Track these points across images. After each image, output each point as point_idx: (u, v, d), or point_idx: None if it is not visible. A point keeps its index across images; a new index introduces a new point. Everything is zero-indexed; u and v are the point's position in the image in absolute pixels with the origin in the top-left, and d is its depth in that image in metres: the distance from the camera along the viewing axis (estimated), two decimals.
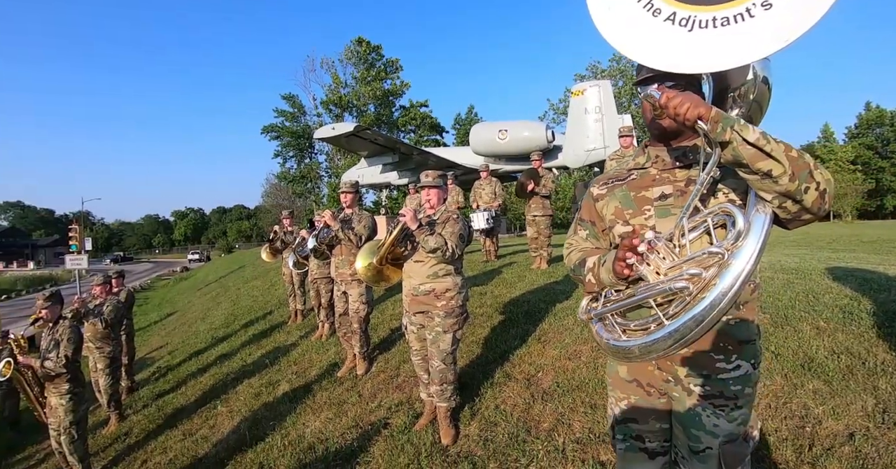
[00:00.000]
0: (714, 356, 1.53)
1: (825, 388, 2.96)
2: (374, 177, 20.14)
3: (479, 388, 4.04)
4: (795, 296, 4.47)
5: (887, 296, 4.36)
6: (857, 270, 5.80)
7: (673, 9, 1.50)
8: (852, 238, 14.02)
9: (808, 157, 1.29)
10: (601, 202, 1.75)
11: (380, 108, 40.69)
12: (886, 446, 2.45)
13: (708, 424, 1.54)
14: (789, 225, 1.41)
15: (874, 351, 3.27)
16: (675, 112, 1.35)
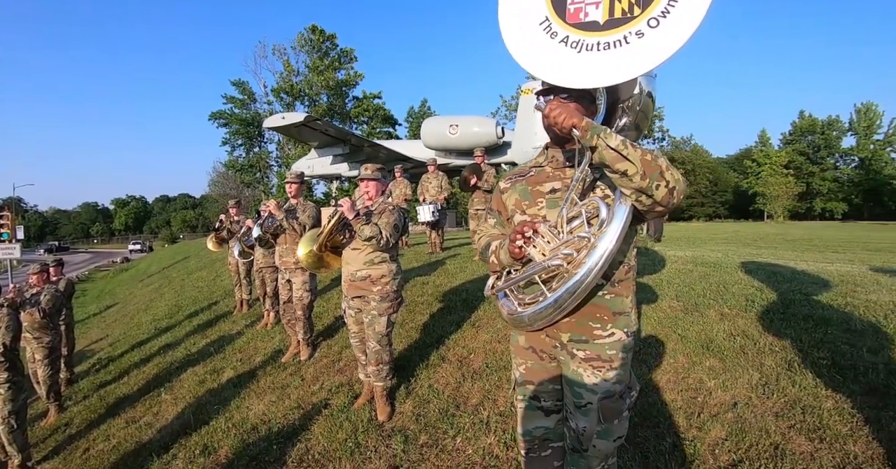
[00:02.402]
0: (592, 325, 1.81)
1: (719, 365, 3.34)
2: (324, 168, 20.02)
3: (416, 370, 4.27)
4: (708, 286, 4.90)
5: (789, 286, 4.84)
6: (769, 265, 6.35)
7: (567, 33, 1.77)
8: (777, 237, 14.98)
9: (662, 161, 1.56)
10: (505, 194, 2.01)
11: (333, 99, 40.14)
12: (763, 413, 2.82)
13: (588, 383, 1.81)
14: (647, 215, 1.68)
15: (766, 333, 3.68)
16: (553, 121, 1.62)
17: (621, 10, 1.67)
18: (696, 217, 50.91)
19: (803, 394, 2.92)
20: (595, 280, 1.59)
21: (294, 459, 3.45)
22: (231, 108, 41.40)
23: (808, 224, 37.14)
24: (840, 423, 2.64)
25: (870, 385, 2.91)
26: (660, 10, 1.60)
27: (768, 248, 9.97)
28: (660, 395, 3.13)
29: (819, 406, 2.79)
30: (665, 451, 2.61)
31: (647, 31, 1.61)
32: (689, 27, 1.54)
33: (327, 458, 3.40)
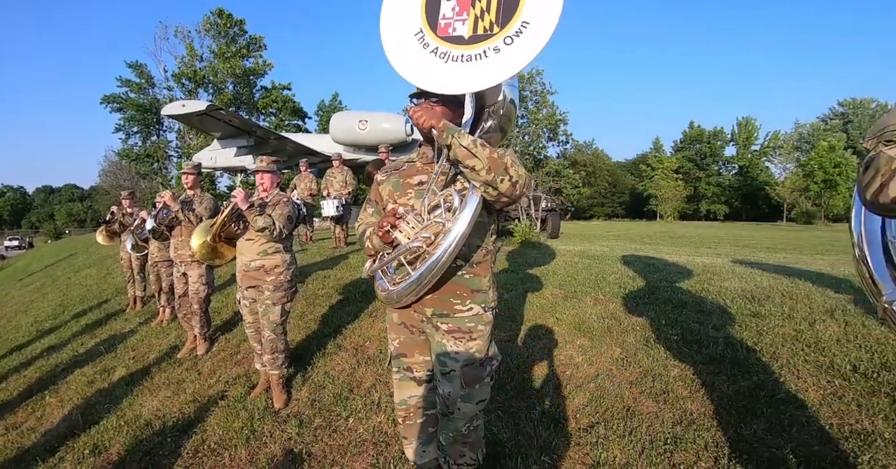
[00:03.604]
0: (453, 301, 2.04)
1: (588, 343, 3.74)
2: (228, 160, 19.26)
3: (313, 358, 4.38)
4: (589, 276, 5.36)
5: (658, 276, 5.39)
6: (646, 257, 6.98)
7: (437, 44, 2.00)
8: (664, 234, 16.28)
9: (508, 159, 1.81)
10: (381, 186, 2.22)
11: (239, 87, 38.38)
12: (620, 382, 3.22)
13: (451, 352, 2.04)
14: (496, 205, 1.93)
15: (631, 315, 4.14)
16: (416, 122, 1.86)
17: (483, 27, 1.92)
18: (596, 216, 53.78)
19: (655, 365, 3.34)
20: (450, 259, 1.81)
21: (189, 451, 3.45)
22: (126, 92, 38.57)
23: (693, 224, 40.41)
24: (682, 387, 3.06)
25: (710, 355, 3.38)
26: (515, 30, 1.85)
27: (652, 244, 10.88)
28: (535, 371, 3.45)
29: (667, 374, 3.21)
30: (535, 418, 2.91)
31: (503, 48, 1.86)
32: (536, 47, 1.81)
33: (223, 446, 3.44)
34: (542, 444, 2.67)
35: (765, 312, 4.05)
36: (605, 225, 30.59)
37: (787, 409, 2.80)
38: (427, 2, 2.07)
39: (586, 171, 45.78)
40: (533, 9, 1.83)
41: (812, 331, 3.64)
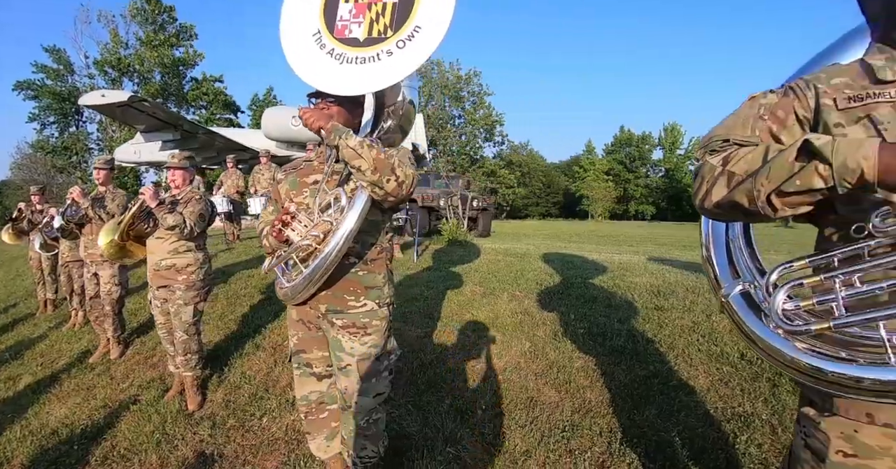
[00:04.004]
0: (346, 297, 2.10)
1: (500, 337, 3.89)
2: (152, 154, 18.34)
3: (230, 358, 4.32)
4: (509, 273, 5.54)
5: (574, 272, 5.63)
6: (568, 255, 7.25)
7: (333, 46, 2.04)
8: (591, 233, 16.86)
9: (396, 159, 1.89)
10: (280, 185, 2.25)
11: (167, 78, 36.45)
12: (527, 374, 3.38)
13: (347, 347, 2.10)
14: (384, 204, 1.99)
15: (543, 311, 4.33)
16: (305, 122, 1.91)
17: (378, 30, 1.98)
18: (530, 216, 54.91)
19: (561, 357, 3.52)
20: (339, 257, 1.87)
21: (98, 458, 3.34)
22: (42, 78, 35.91)
23: (622, 223, 42.05)
24: (584, 377, 3.25)
25: (612, 347, 3.59)
26: (407, 34, 1.92)
27: (578, 243, 11.27)
28: (447, 366, 3.56)
29: (570, 366, 3.39)
30: (443, 411, 3.00)
31: (395, 51, 1.93)
32: (426, 51, 1.89)
33: (133, 451, 3.34)
34: (448, 436, 2.76)
35: (668, 306, 4.32)
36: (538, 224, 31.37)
37: (678, 395, 3.02)
38: (326, 3, 2.11)
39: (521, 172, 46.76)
40: (425, 14, 1.91)
41: (708, 322, 3.92)
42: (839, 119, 0.98)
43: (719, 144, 1.04)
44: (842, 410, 0.98)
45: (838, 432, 0.98)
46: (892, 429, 0.92)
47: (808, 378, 0.97)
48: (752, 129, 1.06)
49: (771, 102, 1.07)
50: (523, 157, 53.36)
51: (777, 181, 0.87)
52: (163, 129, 17.54)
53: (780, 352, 1.00)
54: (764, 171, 0.90)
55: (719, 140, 1.05)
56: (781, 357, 1.00)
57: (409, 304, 4.75)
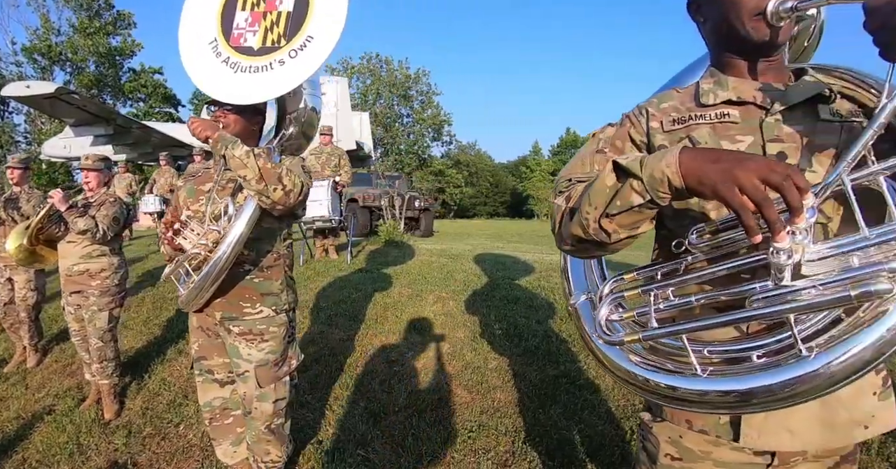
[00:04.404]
0: (242, 304, 2.15)
1: (420, 340, 4.03)
2: (83, 149, 17.40)
3: (151, 365, 4.26)
4: (439, 275, 5.66)
5: (503, 273, 5.80)
6: (501, 256, 7.44)
7: (228, 54, 2.09)
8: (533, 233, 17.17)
9: (283, 169, 1.95)
10: (179, 192, 2.30)
11: (103, 68, 34.61)
12: (442, 375, 3.50)
13: (244, 354, 2.15)
14: (273, 212, 2.05)
15: (466, 312, 4.48)
16: (193, 132, 1.97)
17: (272, 40, 2.04)
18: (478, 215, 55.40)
19: (477, 358, 3.66)
20: (227, 264, 1.93)
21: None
22: None
23: None
24: (496, 378, 3.39)
25: (527, 348, 3.75)
26: (299, 44, 1.99)
27: (516, 243, 11.52)
28: (365, 368, 3.64)
29: (485, 366, 3.53)
30: (357, 413, 3.08)
31: (287, 61, 1.99)
32: (317, 62, 1.97)
33: (45, 463, 3.26)
34: (359, 438, 2.84)
35: None
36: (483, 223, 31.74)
37: (583, 394, 3.19)
38: (223, 11, 2.14)
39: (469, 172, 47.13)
40: (318, 24, 1.97)
41: None
42: (664, 140, 1.04)
43: (564, 185, 1.06)
44: (668, 416, 1.06)
45: (666, 437, 1.06)
46: (707, 435, 1.00)
47: (637, 389, 1.01)
48: (591, 164, 1.09)
49: (609, 135, 1.13)
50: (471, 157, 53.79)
51: (601, 206, 0.86)
52: (94, 123, 16.73)
53: (612, 361, 1.05)
54: (585, 198, 0.91)
55: (564, 181, 1.07)
56: (614, 366, 1.05)
57: (336, 306, 4.79)
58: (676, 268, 0.96)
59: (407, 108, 39.50)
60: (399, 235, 8.15)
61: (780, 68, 1.04)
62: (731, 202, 0.71)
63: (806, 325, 0.79)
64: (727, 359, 0.87)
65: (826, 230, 0.91)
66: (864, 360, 0.72)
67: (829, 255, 0.73)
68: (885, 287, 0.64)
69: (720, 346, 0.88)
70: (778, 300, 0.72)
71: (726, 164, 0.72)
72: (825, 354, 0.73)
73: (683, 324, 0.86)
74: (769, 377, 0.77)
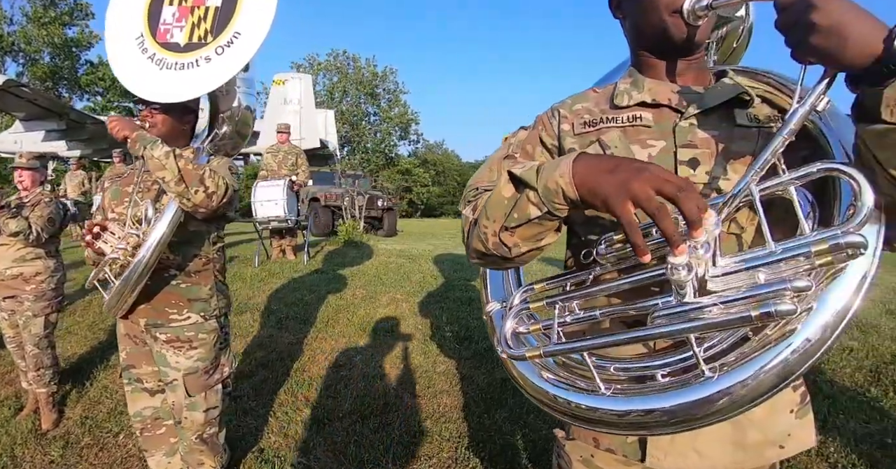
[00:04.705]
0: (168, 310, 2.06)
1: (371, 343, 3.97)
2: (35, 145, 16.70)
3: (93, 372, 4.08)
4: (396, 276, 5.60)
5: (460, 274, 5.77)
6: (460, 256, 7.38)
7: (155, 50, 1.98)
8: None
9: (206, 170, 1.87)
10: (105, 193, 2.18)
11: (58, 60, 33.29)
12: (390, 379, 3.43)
13: (171, 362, 2.06)
14: (196, 215, 1.95)
15: (418, 314, 4.46)
16: (111, 132, 1.88)
17: (199, 36, 1.94)
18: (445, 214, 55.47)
19: (426, 361, 3.61)
20: (148, 269, 1.84)
21: None
22: None
23: None
24: (444, 382, 3.34)
25: (476, 351, 3.71)
26: (226, 40, 1.90)
27: None
28: (312, 373, 3.55)
29: (433, 370, 3.48)
30: (301, 420, 2.99)
31: (214, 58, 1.90)
32: (244, 58, 1.88)
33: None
34: (302, 446, 2.76)
35: None
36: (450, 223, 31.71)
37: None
38: (151, 6, 2.03)
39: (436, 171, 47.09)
40: (246, 20, 1.89)
41: None
42: (573, 144, 0.98)
43: (472, 195, 1.00)
44: (576, 434, 1.02)
45: (578, 456, 1.02)
46: (614, 454, 0.96)
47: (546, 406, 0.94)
48: (500, 171, 1.01)
49: (520, 139, 1.07)
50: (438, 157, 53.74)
51: (500, 219, 0.81)
52: (46, 117, 16.11)
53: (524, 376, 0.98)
54: (483, 211, 0.86)
55: (471, 189, 1.01)
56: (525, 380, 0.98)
57: (288, 308, 4.69)
58: (585, 279, 0.90)
59: (374, 107, 39.22)
60: (358, 235, 8.06)
61: (701, 70, 1.00)
62: (620, 217, 0.66)
63: (713, 341, 0.75)
64: (634, 377, 0.82)
65: (740, 241, 0.87)
66: (768, 385, 0.68)
67: (736, 270, 0.68)
68: (787, 308, 0.59)
69: (627, 362, 0.83)
70: (678, 318, 0.67)
71: (622, 174, 0.67)
72: (727, 377, 0.69)
73: (584, 340, 0.80)
74: (670, 399, 0.72)
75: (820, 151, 0.83)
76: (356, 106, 38.09)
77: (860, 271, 0.68)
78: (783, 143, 0.71)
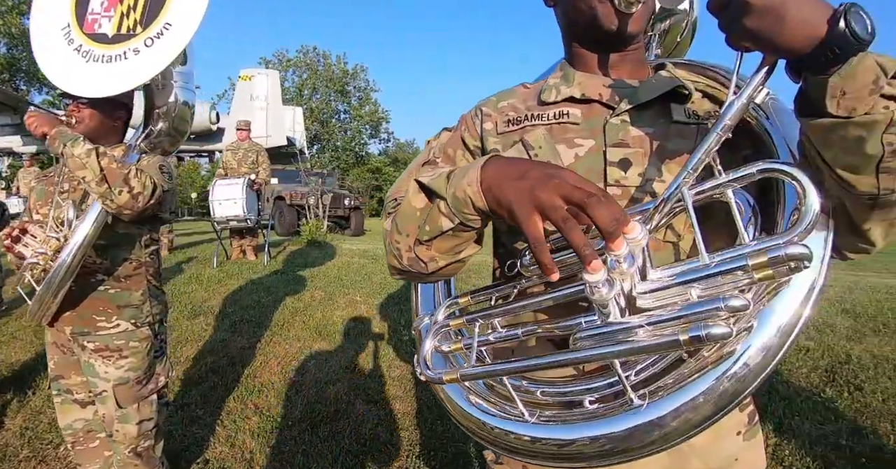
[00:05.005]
0: (95, 318, 1.92)
1: (326, 346, 3.87)
2: None
3: (36, 379, 3.87)
4: (357, 277, 5.51)
5: None
6: None
7: (81, 42, 1.84)
8: None
9: (132, 169, 1.75)
10: (32, 193, 2.04)
11: (16, 51, 32.04)
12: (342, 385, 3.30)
13: (100, 372, 1.92)
14: (122, 217, 1.83)
15: (376, 316, 4.38)
16: (29, 128, 1.76)
17: (127, 26, 1.80)
18: None
19: (381, 366, 3.52)
20: (70, 274, 1.71)
21: None
22: None
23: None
24: (398, 388, 3.24)
25: None
26: (156, 32, 1.76)
27: None
28: (263, 379, 3.41)
29: (388, 375, 3.38)
30: (249, 428, 2.85)
31: (143, 49, 1.76)
32: (175, 50, 1.75)
33: None
34: (248, 457, 2.63)
35: None
36: None
37: None
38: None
39: None
40: (177, 11, 1.76)
41: None
42: (496, 145, 0.90)
43: (391, 206, 0.92)
44: (504, 459, 0.95)
45: None
46: None
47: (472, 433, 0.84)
48: None
49: (442, 142, 0.99)
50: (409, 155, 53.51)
51: (412, 232, 0.74)
52: (1, 111, 15.56)
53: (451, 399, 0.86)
54: (393, 225, 0.80)
55: (391, 200, 0.94)
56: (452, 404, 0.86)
57: (243, 311, 4.52)
58: (509, 293, 0.82)
59: (344, 104, 38.91)
60: (322, 235, 7.89)
61: (639, 63, 0.92)
62: (524, 230, 0.58)
63: (645, 363, 0.66)
64: (563, 402, 0.73)
65: (677, 250, 0.79)
66: (705, 414, 0.59)
67: (668, 286, 0.60)
68: (719, 331, 0.51)
69: (557, 386, 0.74)
70: (602, 340, 0.59)
71: (527, 182, 0.59)
72: (658, 405, 0.60)
73: (502, 363, 0.71)
74: (593, 428, 0.64)
75: (764, 150, 0.74)
76: (326, 103, 37.70)
77: (806, 283, 0.60)
78: (718, 140, 0.62)
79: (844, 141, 0.57)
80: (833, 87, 0.54)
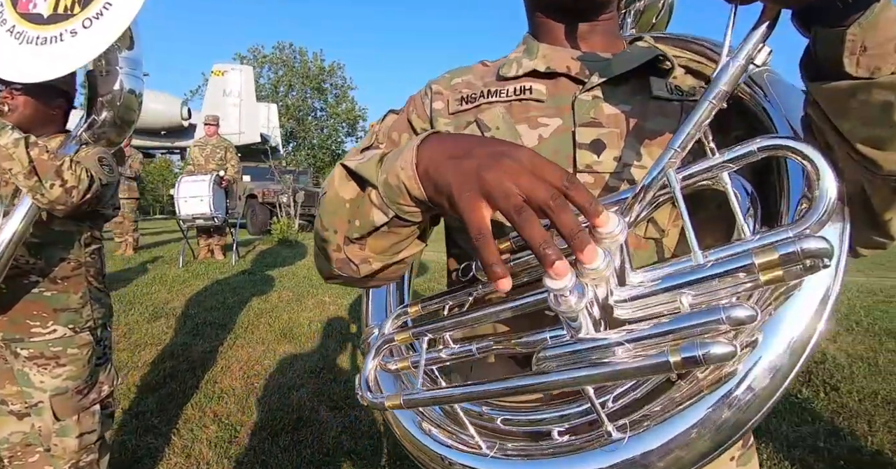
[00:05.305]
0: (30, 322, 1.76)
1: (292, 350, 3.73)
2: None
3: None
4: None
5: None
6: None
7: (14, 22, 1.66)
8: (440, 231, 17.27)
9: (66, 161, 1.60)
10: None
11: None
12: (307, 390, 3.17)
13: (35, 381, 1.76)
14: (55, 213, 1.69)
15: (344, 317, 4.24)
16: None
17: (64, 6, 1.64)
18: None
19: (346, 370, 3.40)
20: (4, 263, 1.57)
21: None
22: None
23: None
24: None
25: None
26: (95, 12, 1.60)
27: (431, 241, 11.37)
28: (224, 384, 3.26)
29: (353, 380, 3.23)
30: (208, 437, 2.69)
31: (80, 31, 1.60)
32: (115, 33, 1.59)
33: None
34: (206, 467, 2.48)
35: None
36: None
37: None
38: None
39: None
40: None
41: None
42: (447, 126, 0.77)
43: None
44: None
45: None
46: None
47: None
48: None
49: (387, 125, 0.86)
50: None
51: (340, 229, 0.62)
52: None
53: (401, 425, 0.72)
54: (317, 223, 0.68)
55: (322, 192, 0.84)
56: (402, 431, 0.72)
57: (206, 313, 4.33)
58: (465, 301, 0.68)
59: (321, 102, 38.38)
60: (294, 234, 7.69)
61: (612, 36, 0.80)
62: (466, 221, 0.45)
63: (624, 387, 0.54)
64: (528, 432, 0.60)
65: (660, 248, 0.67)
66: (701, 450, 0.47)
67: (651, 292, 0.48)
68: (721, 351, 0.39)
69: (519, 413, 0.62)
70: (569, 361, 0.46)
71: (475, 159, 0.46)
72: (640, 440, 0.48)
73: (450, 387, 0.59)
74: (562, 466, 0.51)
75: (760, 129, 0.61)
76: (302, 101, 37.13)
77: (821, 288, 0.48)
78: (710, 110, 0.50)
79: (866, 108, 0.45)
80: (852, 41, 0.42)
